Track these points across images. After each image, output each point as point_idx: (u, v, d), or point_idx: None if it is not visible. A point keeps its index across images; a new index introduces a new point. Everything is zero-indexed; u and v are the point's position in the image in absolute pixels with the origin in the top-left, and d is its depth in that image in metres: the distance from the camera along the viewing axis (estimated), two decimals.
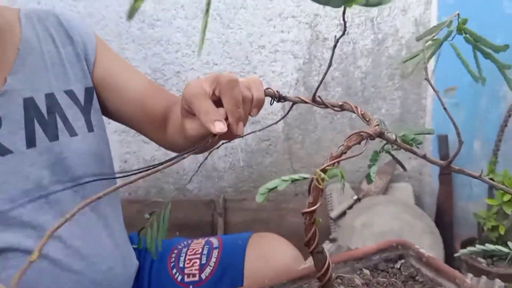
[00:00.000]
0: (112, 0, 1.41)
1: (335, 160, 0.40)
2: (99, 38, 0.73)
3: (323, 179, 0.38)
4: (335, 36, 0.39)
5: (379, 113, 1.56)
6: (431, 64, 1.47)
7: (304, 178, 0.40)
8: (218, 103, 0.49)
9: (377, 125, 0.43)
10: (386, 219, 1.38)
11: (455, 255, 0.52)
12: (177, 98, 0.73)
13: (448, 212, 1.55)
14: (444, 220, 1.55)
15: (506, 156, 1.40)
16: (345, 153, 0.40)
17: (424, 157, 0.44)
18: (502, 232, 1.24)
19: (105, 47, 0.73)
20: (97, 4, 1.42)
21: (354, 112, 0.47)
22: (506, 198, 1.16)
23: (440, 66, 1.47)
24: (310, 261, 0.69)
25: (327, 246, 0.77)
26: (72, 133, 0.64)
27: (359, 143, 0.42)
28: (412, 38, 1.46)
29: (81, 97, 0.67)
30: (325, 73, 0.46)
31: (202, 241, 0.81)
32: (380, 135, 0.43)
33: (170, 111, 0.70)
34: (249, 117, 0.52)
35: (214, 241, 0.80)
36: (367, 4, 0.27)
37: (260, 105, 0.52)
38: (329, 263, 0.43)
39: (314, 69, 1.50)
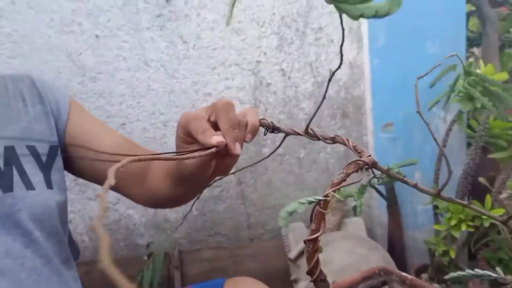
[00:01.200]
0: (50, 55, 1.38)
1: (337, 187, 0.41)
2: (73, 99, 0.74)
3: (327, 205, 0.39)
4: (330, 70, 0.41)
5: (324, 151, 1.62)
6: (368, 102, 1.57)
7: (320, 200, 0.40)
8: (215, 129, 0.51)
9: (369, 155, 0.45)
10: (343, 255, 1.40)
11: (446, 277, 0.53)
12: (152, 153, 0.74)
13: (399, 242, 1.61)
14: (396, 250, 1.60)
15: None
16: (344, 180, 0.42)
17: (415, 186, 0.46)
18: (452, 255, 1.30)
19: (79, 107, 0.74)
20: (34, 60, 1.38)
21: (345, 145, 0.49)
22: (453, 222, 1.22)
23: (376, 104, 1.57)
24: None
25: (304, 284, 0.76)
26: (29, 186, 0.61)
27: (356, 171, 0.44)
28: (349, 80, 1.56)
29: (43, 154, 0.66)
30: (318, 107, 0.48)
31: None
32: (374, 165, 0.45)
33: (149, 164, 0.70)
34: None
35: None
36: (376, 16, 0.29)
37: (254, 131, 0.53)
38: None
39: (260, 113, 1.55)
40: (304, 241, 0.42)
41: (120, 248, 1.59)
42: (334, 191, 0.41)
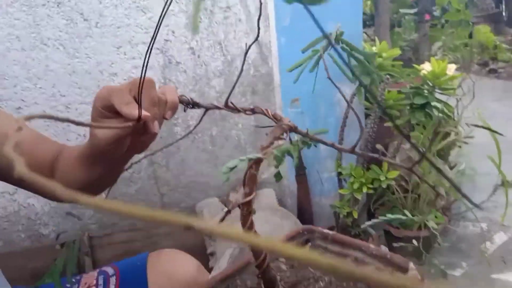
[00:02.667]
0: None
1: (266, 150, 0.43)
2: None
3: (259, 166, 0.41)
4: (246, 44, 0.43)
5: (236, 128, 1.66)
6: (277, 79, 1.63)
7: (258, 158, 0.42)
8: None
9: (289, 121, 0.48)
10: (258, 225, 1.46)
11: (366, 223, 0.60)
12: (61, 145, 0.68)
13: (308, 209, 1.73)
14: (305, 216, 1.72)
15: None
16: (272, 143, 0.44)
17: (332, 145, 0.50)
18: (355, 216, 1.44)
19: None
20: None
21: (265, 114, 0.51)
22: (356, 185, 1.35)
23: (284, 80, 1.64)
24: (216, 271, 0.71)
25: (229, 251, 0.80)
26: None
27: (281, 134, 0.46)
28: (257, 58, 1.60)
29: None
30: (236, 81, 0.50)
31: (94, 273, 0.76)
32: (295, 128, 0.48)
33: (56, 156, 0.66)
34: None
35: (109, 269, 0.76)
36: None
37: (174, 108, 0.54)
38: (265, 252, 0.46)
39: None
40: (239, 205, 0.44)
41: (21, 240, 1.49)
42: (265, 153, 0.43)
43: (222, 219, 1.62)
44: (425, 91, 1.57)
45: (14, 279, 0.73)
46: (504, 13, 6.03)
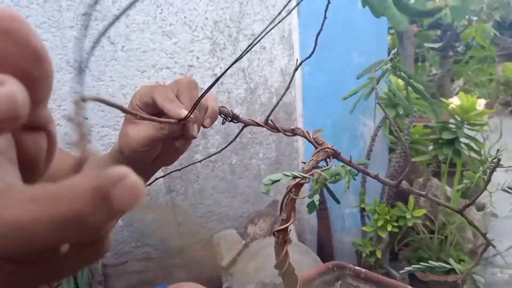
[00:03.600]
0: None
1: (309, 174, 0.40)
2: None
3: (299, 191, 0.37)
4: (297, 60, 0.40)
5: (257, 158, 1.62)
6: (299, 108, 1.61)
7: (302, 178, 0.38)
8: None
9: (332, 146, 0.45)
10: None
11: (402, 271, 0.55)
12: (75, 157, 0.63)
13: (328, 245, 1.66)
14: (325, 253, 1.64)
15: (370, 187, 1.58)
16: (315, 167, 0.40)
17: (376, 177, 0.46)
18: (379, 255, 1.36)
19: None
20: None
21: (305, 137, 0.48)
22: (380, 223, 1.28)
23: (306, 110, 1.61)
24: None
25: (251, 287, 0.75)
26: None
27: (324, 159, 0.43)
28: (280, 86, 1.58)
29: None
30: (280, 99, 0.47)
31: None
32: (339, 154, 0.45)
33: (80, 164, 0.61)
34: None
35: None
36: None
37: (214, 116, 0.50)
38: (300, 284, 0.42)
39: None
40: (273, 232, 0.40)
41: None
42: (311, 175, 0.40)
43: (240, 253, 1.57)
44: (453, 126, 1.52)
45: None
46: None
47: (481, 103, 1.59)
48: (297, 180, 0.39)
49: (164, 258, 1.52)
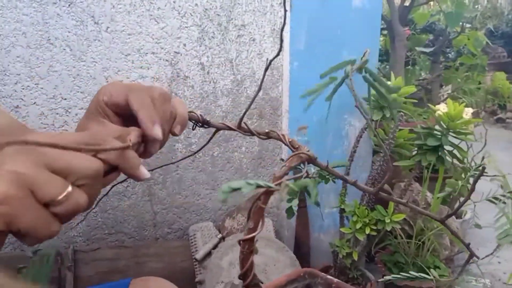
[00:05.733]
0: None
1: (279, 181, 0.37)
2: None
3: (267, 199, 0.34)
4: (267, 59, 0.37)
5: (239, 151, 1.59)
6: (285, 104, 1.58)
7: (270, 187, 0.35)
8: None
9: (308, 150, 0.42)
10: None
11: (381, 280, 0.53)
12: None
13: (305, 244, 1.64)
14: (302, 251, 1.63)
15: (351, 187, 1.56)
16: (287, 173, 0.38)
17: (354, 183, 0.44)
18: (355, 257, 1.35)
19: None
20: None
21: (280, 140, 0.45)
22: (359, 225, 1.27)
23: (292, 106, 1.58)
24: None
25: (220, 286, 0.72)
26: None
27: (298, 165, 0.40)
28: (268, 80, 1.55)
29: None
30: (253, 99, 0.44)
31: None
32: (315, 160, 0.42)
33: None
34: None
35: None
36: None
37: (184, 123, 0.47)
38: None
39: None
40: (239, 242, 0.37)
41: (4, 246, 1.41)
42: (278, 184, 0.37)
43: (215, 246, 1.54)
44: (439, 133, 1.51)
45: None
46: None
47: (468, 112, 1.58)
48: (271, 186, 0.37)
49: (138, 247, 1.48)
